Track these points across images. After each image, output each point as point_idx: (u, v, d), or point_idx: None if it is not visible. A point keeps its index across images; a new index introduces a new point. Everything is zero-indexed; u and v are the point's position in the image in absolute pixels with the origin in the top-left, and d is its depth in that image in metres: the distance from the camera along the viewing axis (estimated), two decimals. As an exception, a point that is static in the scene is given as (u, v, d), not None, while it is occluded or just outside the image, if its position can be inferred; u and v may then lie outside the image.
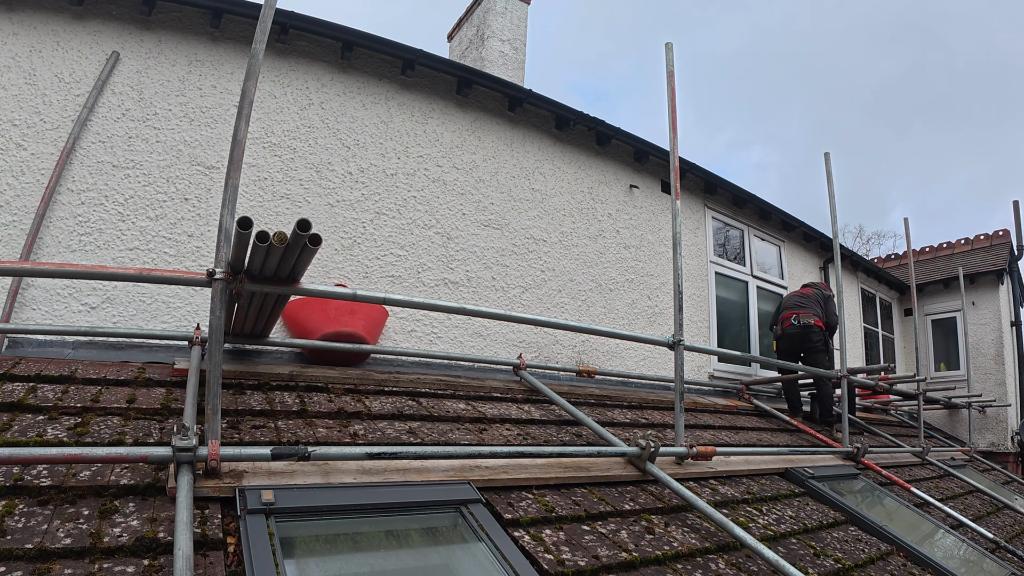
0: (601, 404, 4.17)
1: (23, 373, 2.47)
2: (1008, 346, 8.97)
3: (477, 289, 4.51)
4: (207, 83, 3.74)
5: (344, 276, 3.92)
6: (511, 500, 2.28)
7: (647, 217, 5.82)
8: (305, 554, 1.71)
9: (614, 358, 5.19)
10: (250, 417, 2.49)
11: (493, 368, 4.24)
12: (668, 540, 2.30)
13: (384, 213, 4.19)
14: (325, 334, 3.36)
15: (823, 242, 7.71)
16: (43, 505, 1.60)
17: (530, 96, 4.86)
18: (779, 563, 2.15)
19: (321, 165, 4.01)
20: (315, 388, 3.02)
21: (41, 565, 1.38)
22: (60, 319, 3.09)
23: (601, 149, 5.56)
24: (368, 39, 4.15)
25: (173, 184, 3.52)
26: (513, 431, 3.10)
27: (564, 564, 1.91)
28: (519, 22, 7.39)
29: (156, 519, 1.64)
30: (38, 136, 3.26)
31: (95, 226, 3.28)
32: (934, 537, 3.51)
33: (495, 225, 4.73)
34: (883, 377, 5.68)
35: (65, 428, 2.05)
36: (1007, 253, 9.31)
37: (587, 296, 5.15)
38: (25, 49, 3.35)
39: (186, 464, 1.75)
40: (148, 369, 2.82)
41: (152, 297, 3.31)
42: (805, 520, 3.03)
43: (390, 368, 3.74)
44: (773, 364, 4.99)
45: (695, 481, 3.10)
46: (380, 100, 4.36)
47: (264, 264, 2.06)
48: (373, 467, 2.18)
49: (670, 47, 3.44)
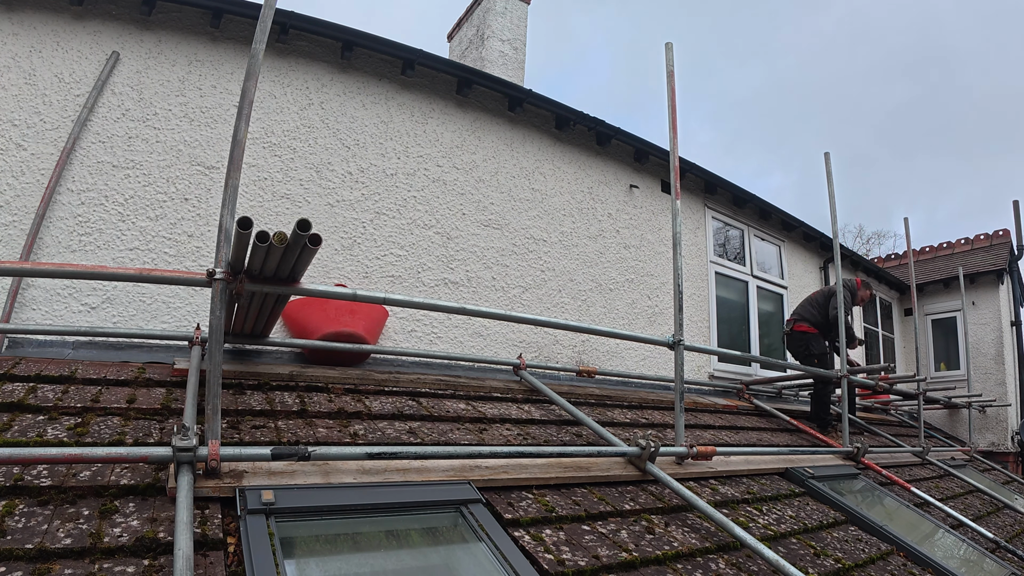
0: (601, 404, 4.17)
1: (23, 373, 2.47)
2: (1008, 346, 8.97)
3: (477, 289, 4.50)
4: (207, 83, 3.74)
5: (344, 276, 3.92)
6: (511, 500, 2.28)
7: (647, 217, 5.82)
8: (305, 554, 1.71)
9: (614, 358, 5.19)
10: (250, 417, 2.49)
11: (493, 368, 4.23)
12: (668, 540, 2.30)
13: (384, 213, 4.19)
14: (325, 334, 3.36)
15: (823, 242, 7.71)
16: (43, 505, 1.60)
17: (530, 96, 4.86)
18: (779, 563, 2.15)
19: (321, 165, 4.01)
20: (315, 388, 3.02)
21: (41, 565, 1.38)
22: (60, 319, 3.09)
23: (601, 149, 5.56)
24: (368, 39, 4.15)
25: (173, 184, 3.52)
26: (513, 431, 3.10)
27: (564, 564, 1.91)
28: (519, 22, 7.39)
29: (156, 519, 1.64)
30: (38, 136, 3.26)
31: (95, 226, 3.28)
32: (934, 537, 3.51)
33: (495, 225, 4.72)
34: (883, 377, 5.68)
35: (65, 428, 2.05)
36: (1007, 253, 9.30)
37: (587, 296, 5.15)
38: (25, 49, 3.35)
39: (186, 464, 1.75)
40: (148, 369, 2.82)
41: (152, 297, 3.31)
42: (805, 520, 3.03)
43: (390, 368, 3.74)
44: (773, 364, 4.99)
45: (695, 481, 3.09)
46: (380, 100, 4.36)
47: (264, 264, 2.06)
48: (373, 467, 2.18)
49: (670, 47, 3.44)
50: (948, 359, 9.31)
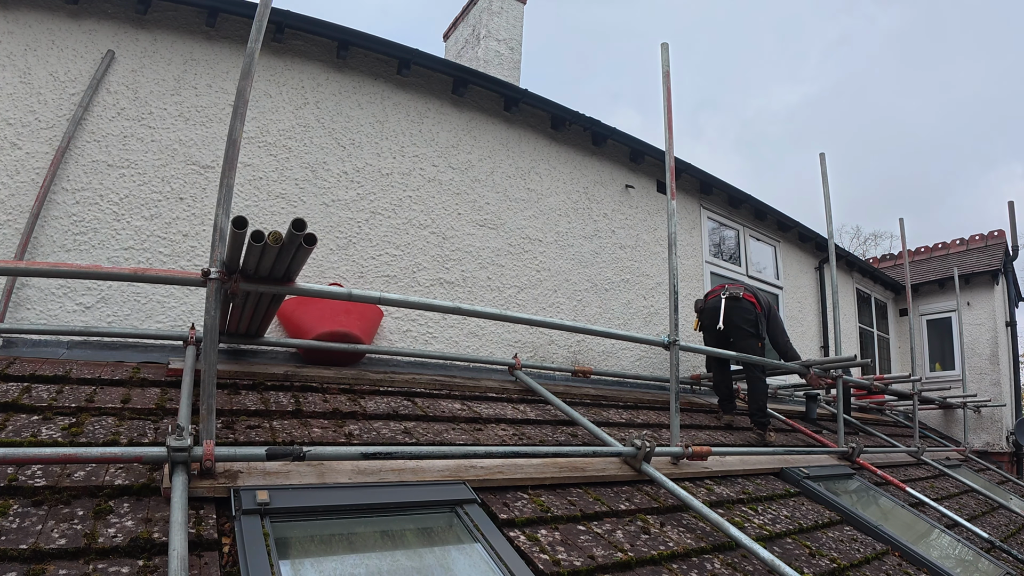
0: (597, 404, 4.18)
1: (17, 373, 2.46)
2: (1003, 346, 9.02)
3: (472, 289, 4.50)
4: (202, 82, 3.73)
5: (339, 276, 3.92)
6: (506, 500, 2.28)
7: (643, 217, 5.83)
8: (300, 554, 1.70)
9: (610, 358, 5.19)
10: (245, 417, 2.48)
11: (489, 368, 4.24)
12: (664, 540, 2.31)
13: (379, 213, 4.19)
14: (320, 334, 3.35)
15: (819, 242, 7.73)
16: (37, 505, 1.60)
17: (526, 96, 4.86)
18: (774, 563, 2.16)
19: (316, 164, 4.00)
20: (310, 388, 3.01)
21: (36, 566, 1.37)
22: (55, 319, 3.08)
23: (597, 149, 5.56)
24: (363, 38, 4.15)
25: (168, 183, 3.51)
26: (508, 431, 3.10)
27: (560, 564, 1.91)
28: (515, 22, 7.39)
29: (151, 519, 1.63)
30: (33, 135, 3.25)
31: (90, 225, 3.27)
32: (929, 537, 3.52)
33: (491, 225, 4.72)
34: (878, 377, 5.69)
35: (60, 428, 2.04)
36: (1002, 253, 9.34)
37: (583, 296, 5.16)
38: (20, 48, 3.33)
39: (181, 464, 1.75)
40: (143, 369, 2.81)
41: (147, 297, 3.30)
42: (800, 520, 3.04)
43: (385, 368, 3.74)
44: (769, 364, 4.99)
45: (691, 481, 3.10)
46: (376, 99, 4.35)
47: (259, 264, 2.06)
48: (368, 467, 2.18)
49: (666, 47, 3.44)
50: (943, 359, 9.34)
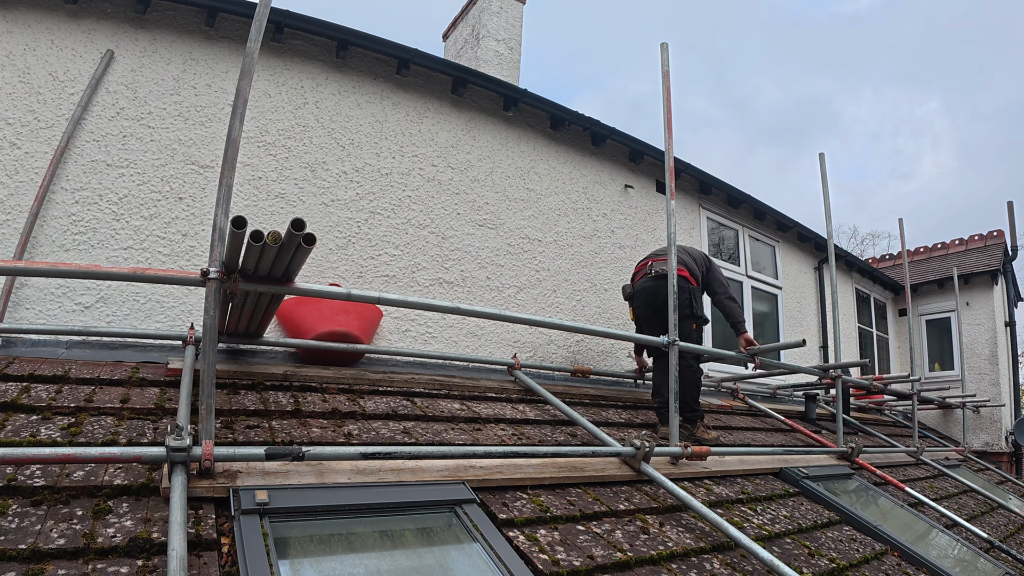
0: (596, 404, 4.18)
1: (16, 373, 2.46)
2: (1002, 346, 9.02)
3: (472, 289, 4.50)
4: (202, 82, 3.73)
5: (339, 276, 3.92)
6: (506, 500, 2.28)
7: (642, 217, 5.83)
8: (299, 554, 1.70)
9: (609, 358, 5.19)
10: (244, 417, 2.48)
11: (488, 368, 4.23)
12: (663, 540, 2.31)
13: (379, 213, 4.19)
14: (319, 334, 3.35)
15: (818, 242, 7.74)
16: (36, 505, 1.60)
17: (525, 96, 4.86)
18: (774, 563, 2.16)
19: (316, 164, 4.00)
20: (309, 388, 3.01)
21: (35, 566, 1.37)
22: (54, 318, 3.08)
23: (596, 149, 5.56)
24: (363, 38, 4.14)
25: (167, 183, 3.51)
26: (508, 431, 3.10)
27: (559, 564, 1.91)
28: (514, 22, 7.39)
29: (150, 519, 1.63)
30: (32, 135, 3.25)
31: (89, 225, 3.27)
32: (929, 537, 3.52)
33: (490, 225, 4.72)
34: (878, 377, 5.69)
35: (59, 428, 2.04)
36: (1001, 253, 9.34)
37: (582, 296, 5.16)
38: (19, 47, 3.33)
39: (180, 464, 1.74)
40: (142, 369, 2.81)
41: (146, 297, 3.30)
42: (800, 520, 3.04)
43: (385, 368, 3.74)
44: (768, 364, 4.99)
45: (690, 481, 3.10)
46: (375, 99, 4.35)
47: (258, 263, 2.05)
48: (367, 467, 2.18)
49: (665, 47, 3.44)
50: (942, 359, 9.35)
